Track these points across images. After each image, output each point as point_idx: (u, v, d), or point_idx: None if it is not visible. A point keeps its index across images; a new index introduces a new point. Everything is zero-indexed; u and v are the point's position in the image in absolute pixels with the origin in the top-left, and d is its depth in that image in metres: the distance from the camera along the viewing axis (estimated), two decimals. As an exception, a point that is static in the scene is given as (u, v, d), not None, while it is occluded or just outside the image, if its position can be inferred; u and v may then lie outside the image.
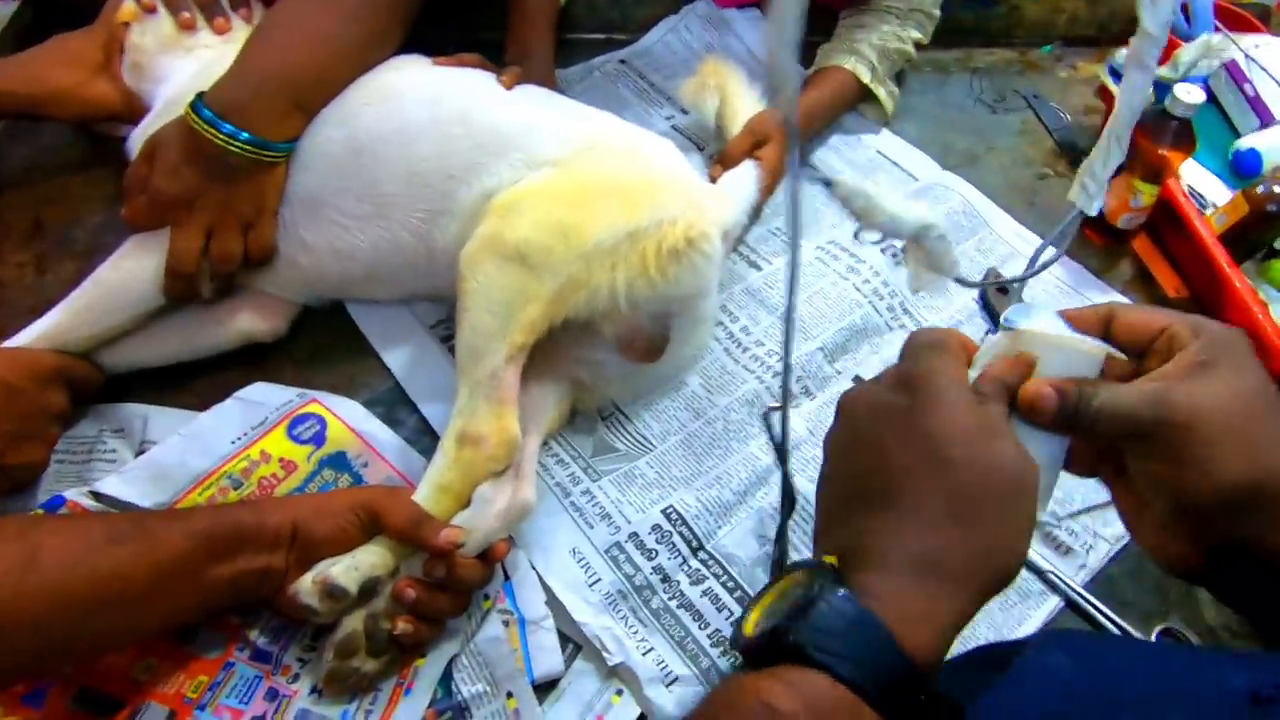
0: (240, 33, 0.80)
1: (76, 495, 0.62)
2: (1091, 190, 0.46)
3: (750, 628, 0.37)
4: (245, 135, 0.66)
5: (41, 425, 0.65)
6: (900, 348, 0.42)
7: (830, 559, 0.37)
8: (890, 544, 0.36)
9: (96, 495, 0.63)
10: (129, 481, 0.63)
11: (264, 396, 0.69)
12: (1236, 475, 0.35)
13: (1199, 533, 0.38)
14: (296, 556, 0.55)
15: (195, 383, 0.73)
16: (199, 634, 0.58)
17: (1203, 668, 0.35)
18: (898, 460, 0.37)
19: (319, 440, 0.67)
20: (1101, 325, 0.42)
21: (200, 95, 0.67)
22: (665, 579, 0.65)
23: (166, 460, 0.65)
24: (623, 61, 1.06)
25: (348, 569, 0.55)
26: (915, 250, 0.47)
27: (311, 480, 0.66)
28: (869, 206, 0.45)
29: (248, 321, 0.74)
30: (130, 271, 0.69)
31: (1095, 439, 0.40)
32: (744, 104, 0.91)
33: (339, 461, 0.67)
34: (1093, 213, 0.46)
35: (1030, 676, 0.38)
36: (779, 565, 0.57)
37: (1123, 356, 0.40)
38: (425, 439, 0.71)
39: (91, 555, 0.48)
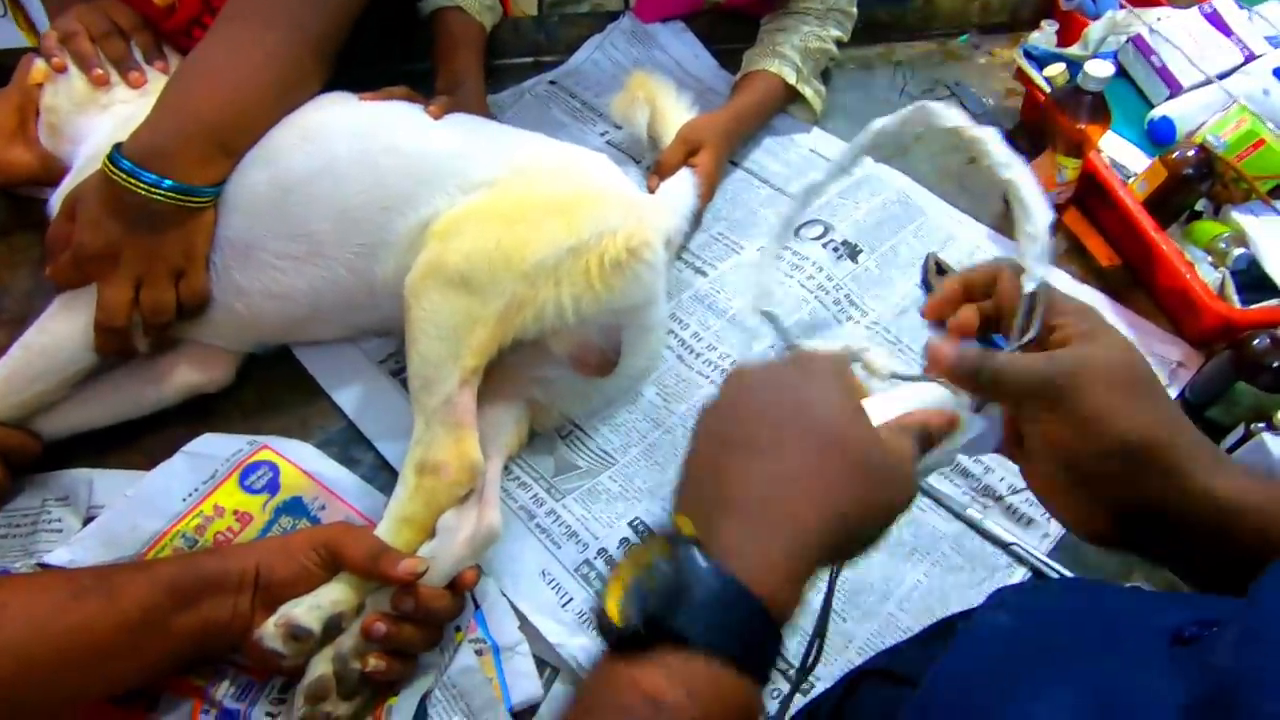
0: (156, 85, 0.79)
1: (24, 570, 0.60)
2: (1035, 263, 0.44)
3: (615, 609, 0.34)
4: (169, 183, 0.65)
5: (-21, 502, 0.63)
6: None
7: (686, 522, 0.36)
8: (752, 491, 0.36)
9: (45, 568, 0.60)
10: (78, 551, 0.61)
11: (212, 448, 0.67)
12: (1127, 429, 0.38)
13: (1103, 497, 0.40)
14: (261, 600, 0.54)
15: (141, 441, 0.71)
16: (160, 702, 0.56)
17: (1135, 608, 0.36)
18: (770, 416, 0.38)
19: (273, 488, 0.66)
20: (987, 285, 0.46)
21: (118, 146, 0.65)
22: (638, 591, 0.65)
23: (116, 525, 0.63)
24: (553, 82, 1.07)
25: (310, 608, 0.54)
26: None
27: (269, 530, 0.64)
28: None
29: (190, 374, 0.73)
30: (59, 332, 0.67)
31: (999, 397, 0.42)
32: (674, 114, 0.92)
33: (295, 507, 0.65)
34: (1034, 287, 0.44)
35: (974, 638, 0.39)
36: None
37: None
38: (383, 476, 0.70)
39: (56, 611, 0.48)
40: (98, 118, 0.78)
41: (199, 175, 0.67)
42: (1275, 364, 0.73)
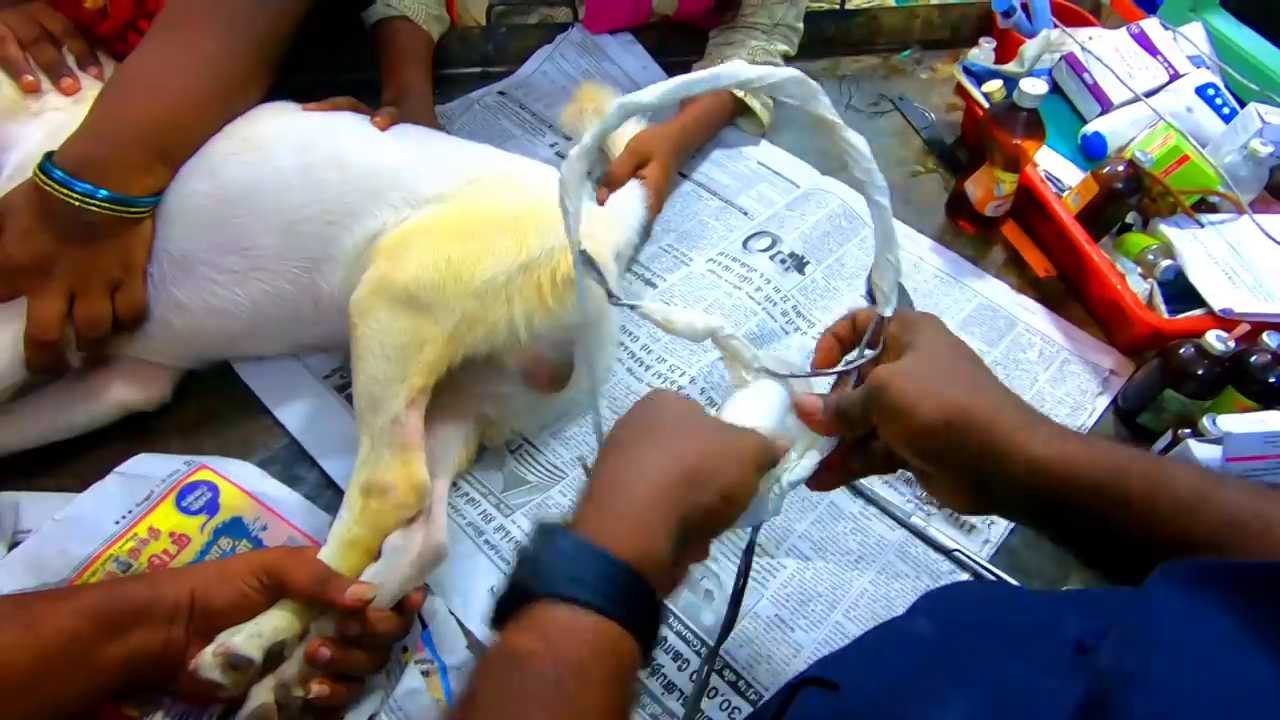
0: (91, 92, 0.76)
1: (-57, 600, 0.57)
2: (884, 300, 0.53)
3: None
4: (104, 193, 0.63)
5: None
6: None
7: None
8: (597, 484, 0.43)
9: (-35, 597, 0.58)
10: (2, 577, 0.59)
11: (147, 469, 0.65)
12: (931, 412, 0.45)
13: (954, 469, 0.46)
14: (196, 628, 0.53)
15: (73, 462, 0.69)
16: (93, 732, 0.54)
17: (1045, 617, 0.38)
18: (624, 438, 0.45)
19: (212, 509, 0.64)
20: (849, 327, 0.55)
21: (49, 155, 0.63)
22: (589, 606, 0.64)
23: (44, 550, 0.60)
24: (502, 93, 1.06)
25: (251, 636, 0.53)
26: (721, 350, 0.54)
27: (207, 552, 0.63)
28: (667, 320, 0.52)
29: (125, 391, 0.70)
30: None
31: (852, 425, 0.50)
32: (623, 126, 0.92)
33: (235, 528, 0.64)
34: (889, 314, 0.53)
35: (896, 645, 0.41)
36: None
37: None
38: (327, 494, 0.69)
39: None
40: (28, 125, 0.75)
41: (136, 185, 0.65)
42: (1200, 372, 0.76)
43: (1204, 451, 0.70)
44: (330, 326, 0.68)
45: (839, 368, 0.54)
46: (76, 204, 0.62)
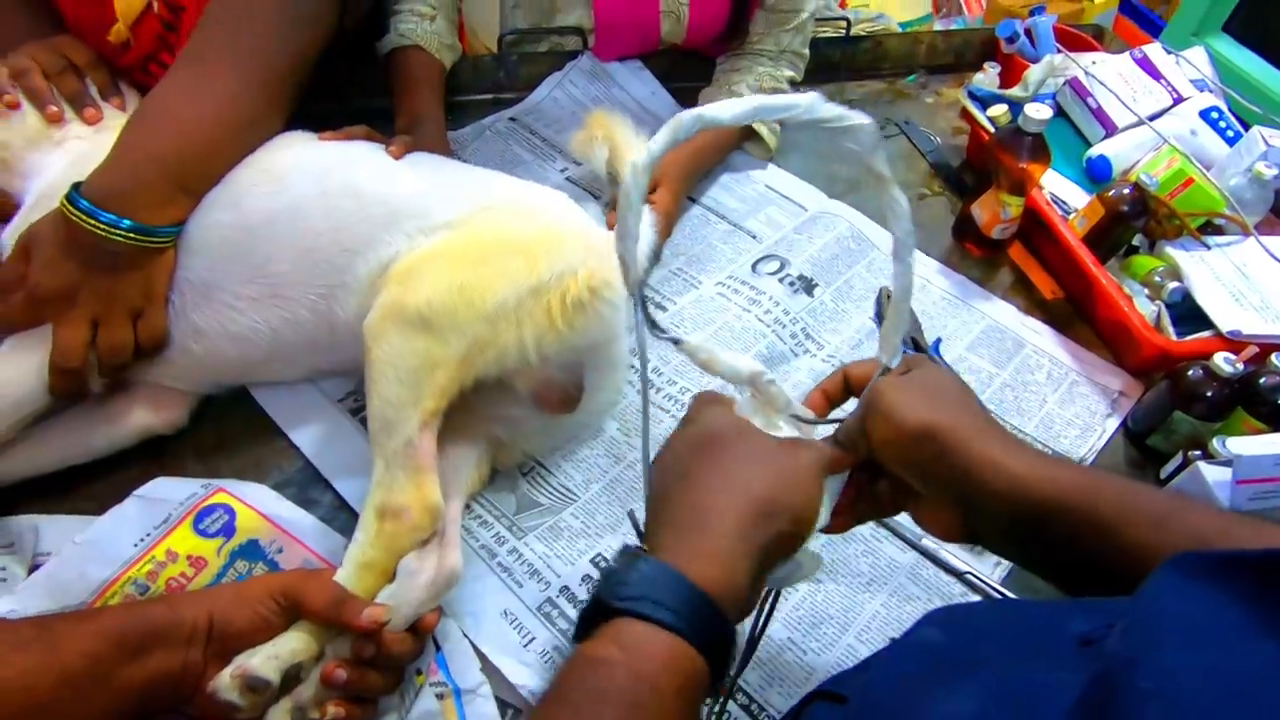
0: (114, 122, 0.78)
1: (-36, 622, 0.58)
2: (890, 351, 0.54)
3: None
4: (128, 223, 0.64)
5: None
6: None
7: (642, 547, 0.46)
8: (673, 512, 0.46)
9: (-13, 619, 0.58)
10: (23, 600, 0.59)
11: (165, 492, 0.66)
12: (915, 419, 0.48)
13: (936, 485, 0.48)
14: (214, 650, 0.53)
15: (92, 485, 0.70)
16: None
17: (1051, 619, 0.39)
18: (688, 465, 0.48)
19: (228, 531, 0.65)
20: (843, 384, 0.57)
21: (76, 185, 0.65)
22: (601, 628, 0.65)
23: (63, 573, 0.61)
24: (513, 119, 1.08)
25: (268, 658, 0.53)
26: (754, 393, 0.55)
27: (224, 574, 0.63)
28: (710, 359, 0.53)
29: (144, 416, 0.71)
30: (11, 373, 0.65)
31: (854, 449, 0.52)
32: (632, 151, 0.93)
33: (252, 550, 0.64)
34: (894, 365, 0.54)
35: (904, 652, 0.42)
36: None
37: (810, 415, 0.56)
38: (342, 516, 0.69)
39: None
40: (52, 154, 0.77)
41: (159, 216, 0.66)
42: (1209, 394, 0.77)
43: (1214, 473, 0.70)
44: (346, 353, 0.69)
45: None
46: (102, 234, 0.63)
